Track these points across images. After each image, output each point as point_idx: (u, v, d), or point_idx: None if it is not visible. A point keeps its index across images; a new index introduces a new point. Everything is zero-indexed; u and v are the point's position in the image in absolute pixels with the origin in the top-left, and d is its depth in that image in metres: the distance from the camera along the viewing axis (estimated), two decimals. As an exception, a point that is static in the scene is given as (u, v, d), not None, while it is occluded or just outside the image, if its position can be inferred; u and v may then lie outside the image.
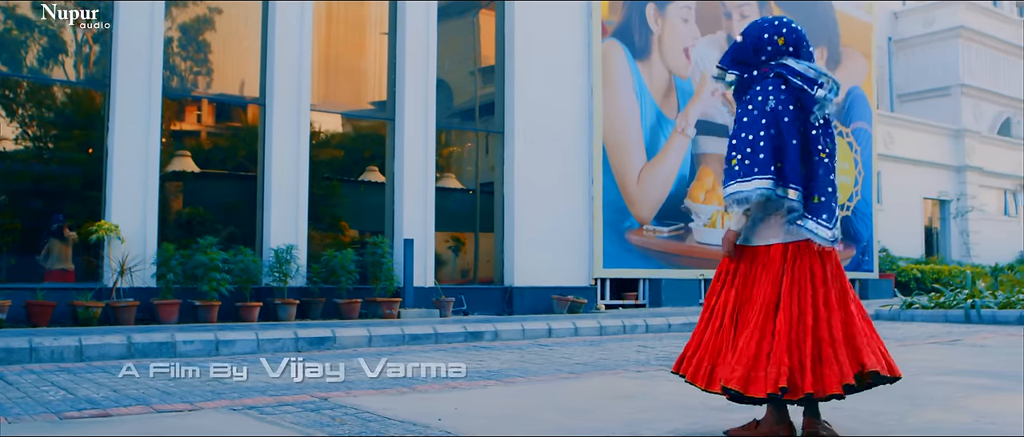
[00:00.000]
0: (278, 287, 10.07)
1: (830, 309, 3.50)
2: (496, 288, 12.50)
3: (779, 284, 3.52)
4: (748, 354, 3.45)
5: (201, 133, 11.40)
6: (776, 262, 3.56)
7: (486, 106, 13.22)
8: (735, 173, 3.53)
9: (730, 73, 3.71)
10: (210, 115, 11.33)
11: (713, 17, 15.62)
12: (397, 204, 11.52)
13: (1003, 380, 5.75)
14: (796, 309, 3.47)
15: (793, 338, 3.43)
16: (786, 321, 3.45)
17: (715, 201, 15.24)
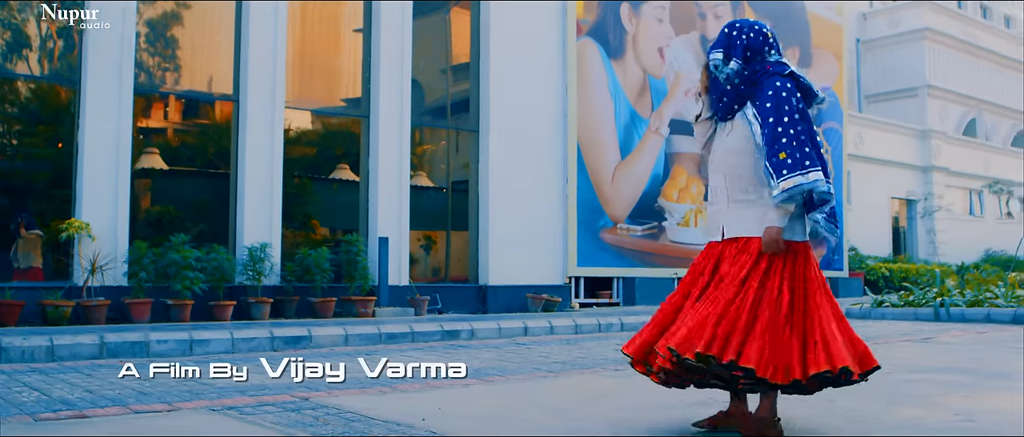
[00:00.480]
0: (252, 286, 9.97)
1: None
2: (471, 287, 12.47)
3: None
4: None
5: (173, 130, 11.27)
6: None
7: (458, 104, 13.18)
8: (790, 166, 3.52)
9: (734, 61, 3.70)
10: (182, 111, 11.20)
11: (687, 17, 15.70)
12: (372, 202, 11.45)
13: (977, 377, 5.82)
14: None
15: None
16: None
17: (688, 200, 15.32)
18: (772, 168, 3.55)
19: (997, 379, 5.68)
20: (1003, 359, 7.00)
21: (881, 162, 25.08)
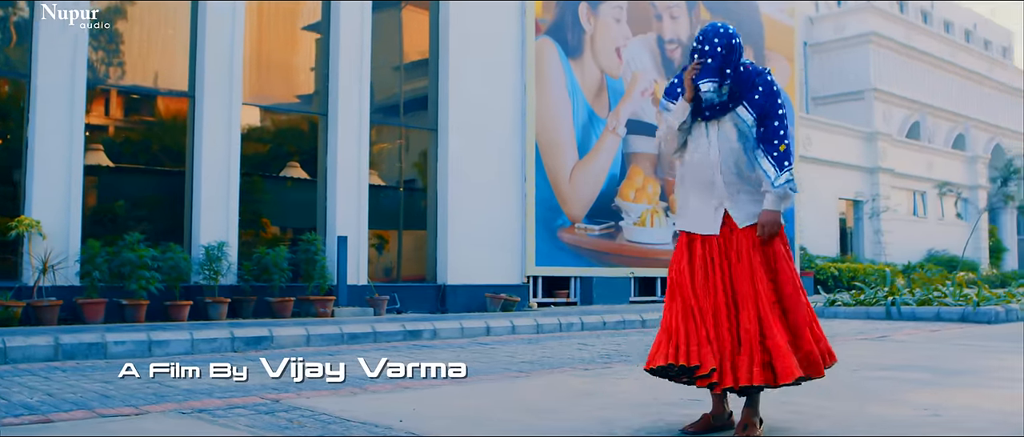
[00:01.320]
0: (209, 285, 9.79)
1: None
2: (429, 286, 12.40)
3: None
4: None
5: (126, 126, 11.00)
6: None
7: (411, 102, 13.09)
8: (790, 156, 3.73)
9: (727, 85, 3.75)
10: (136, 108, 10.94)
11: (644, 18, 15.80)
12: (330, 201, 11.33)
13: (937, 374, 5.93)
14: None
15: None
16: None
17: (645, 200, 15.43)
18: (775, 159, 3.70)
19: (957, 376, 5.79)
20: (958, 356, 7.15)
21: (829, 163, 25.53)
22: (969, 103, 35.29)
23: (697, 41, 3.81)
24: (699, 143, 3.90)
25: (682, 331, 3.72)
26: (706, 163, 3.84)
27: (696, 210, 3.87)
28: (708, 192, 3.81)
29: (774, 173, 3.67)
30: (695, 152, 3.91)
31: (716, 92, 3.75)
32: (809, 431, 3.85)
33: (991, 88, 37.21)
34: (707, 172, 3.83)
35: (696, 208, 3.87)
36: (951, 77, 34.67)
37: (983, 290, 12.66)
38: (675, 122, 3.89)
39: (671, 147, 3.96)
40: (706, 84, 3.76)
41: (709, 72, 3.76)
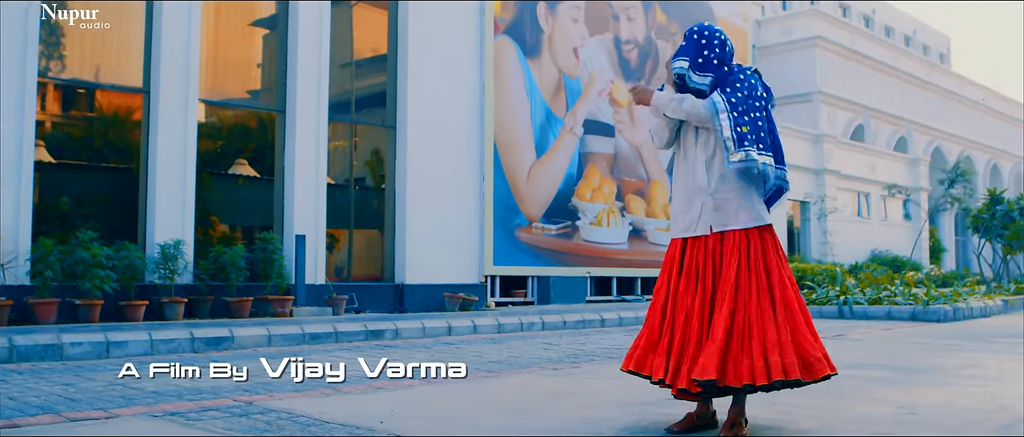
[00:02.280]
0: (164, 285, 9.57)
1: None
2: (387, 285, 12.30)
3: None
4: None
5: (79, 123, 10.71)
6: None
7: (369, 100, 12.97)
8: (751, 139, 3.68)
9: (708, 76, 3.77)
10: (90, 104, 10.66)
11: (601, 18, 15.87)
12: (287, 199, 11.17)
13: (900, 372, 6.03)
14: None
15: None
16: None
17: (601, 200, 15.49)
18: (735, 137, 3.66)
19: (922, 374, 5.90)
20: (917, 355, 7.29)
21: (777, 164, 25.86)
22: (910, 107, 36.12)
23: (686, 33, 3.90)
24: (687, 146, 3.93)
25: (644, 338, 3.81)
26: (693, 165, 3.87)
27: (683, 213, 3.89)
28: (694, 195, 3.82)
29: (732, 146, 3.66)
30: (684, 154, 3.94)
31: (694, 73, 3.77)
32: (796, 430, 3.88)
33: (931, 92, 38.12)
34: (693, 174, 3.85)
35: (683, 211, 3.89)
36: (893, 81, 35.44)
37: (932, 290, 12.96)
38: (659, 110, 3.92)
39: (660, 139, 4.00)
40: (678, 61, 3.80)
41: (681, 52, 3.83)
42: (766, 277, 3.67)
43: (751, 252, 3.69)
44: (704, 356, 3.53)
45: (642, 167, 16.48)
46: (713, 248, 3.74)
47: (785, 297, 3.64)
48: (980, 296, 13.99)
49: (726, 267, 3.67)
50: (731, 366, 3.55)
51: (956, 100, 40.22)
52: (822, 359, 3.61)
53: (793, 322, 3.61)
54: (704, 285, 3.70)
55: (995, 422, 4.08)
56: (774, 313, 3.61)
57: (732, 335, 3.56)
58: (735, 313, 3.59)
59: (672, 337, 3.70)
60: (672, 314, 3.73)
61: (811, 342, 3.62)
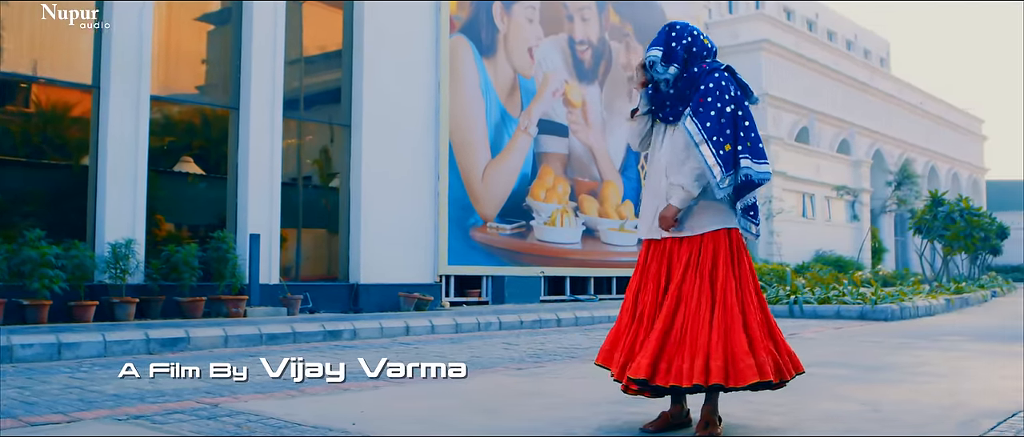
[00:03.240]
0: (115, 285, 9.36)
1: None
2: (342, 285, 12.18)
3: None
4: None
5: (25, 118, 10.41)
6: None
7: (324, 98, 12.84)
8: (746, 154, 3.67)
9: (674, 66, 3.77)
10: (36, 99, 10.36)
11: (556, 19, 15.93)
12: (241, 197, 10.99)
13: (859, 370, 6.17)
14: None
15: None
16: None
17: (555, 200, 15.55)
18: (722, 160, 3.64)
19: (879, 372, 6.04)
20: (871, 353, 7.45)
21: (725, 166, 26.20)
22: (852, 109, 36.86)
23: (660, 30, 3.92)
24: (655, 147, 3.95)
25: (611, 337, 3.86)
26: (657, 166, 3.89)
27: (648, 214, 3.90)
28: (658, 196, 3.84)
29: (719, 173, 3.64)
30: (652, 157, 3.96)
31: (661, 63, 3.78)
32: (767, 427, 3.94)
33: (872, 95, 38.97)
34: (657, 176, 3.87)
35: (648, 212, 3.90)
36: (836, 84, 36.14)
37: (879, 289, 13.25)
38: (630, 110, 3.97)
39: (633, 142, 4.04)
40: (653, 50, 3.80)
41: (653, 43, 3.83)
42: (709, 281, 3.66)
43: (701, 255, 3.70)
44: (640, 354, 3.61)
45: (595, 167, 16.58)
46: (669, 249, 3.78)
47: (726, 301, 3.61)
48: (924, 295, 14.34)
49: (674, 269, 3.72)
50: (664, 366, 3.59)
51: (896, 103, 41.18)
52: (753, 366, 3.54)
53: (727, 326, 3.58)
54: (657, 285, 3.76)
55: (955, 419, 4.19)
56: (711, 316, 3.61)
57: (669, 336, 3.61)
58: (675, 315, 3.63)
59: (629, 333, 3.77)
60: (633, 311, 3.81)
61: (744, 348, 3.56)
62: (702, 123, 3.66)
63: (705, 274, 3.65)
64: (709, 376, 3.50)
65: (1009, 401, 4.67)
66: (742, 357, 3.52)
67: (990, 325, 11.01)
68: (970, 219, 19.94)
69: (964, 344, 8.23)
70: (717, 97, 3.70)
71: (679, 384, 3.52)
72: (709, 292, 3.62)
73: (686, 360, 3.54)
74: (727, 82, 3.77)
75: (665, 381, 3.55)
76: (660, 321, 3.61)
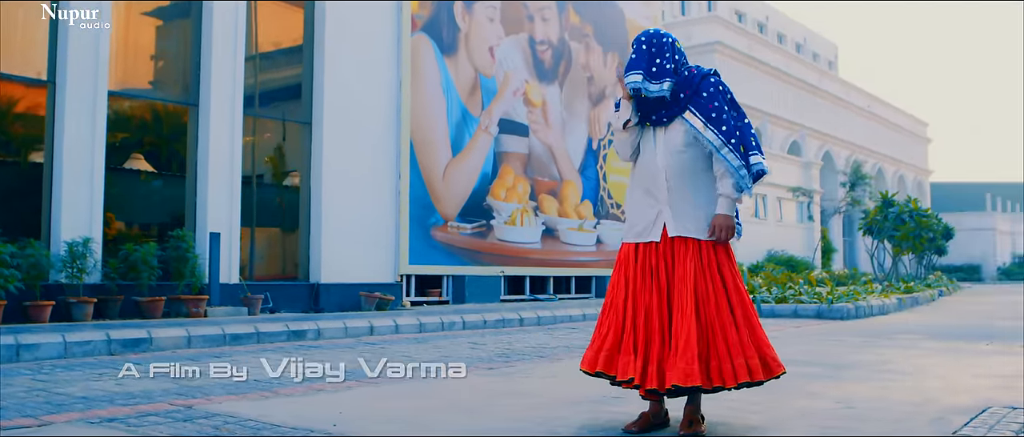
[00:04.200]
0: (72, 284, 9.15)
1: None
2: (302, 285, 12.06)
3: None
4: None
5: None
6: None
7: (285, 95, 12.70)
8: (752, 149, 3.77)
9: (667, 81, 3.79)
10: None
11: (517, 18, 15.94)
12: (201, 195, 10.82)
13: (827, 368, 6.26)
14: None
15: None
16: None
17: (515, 199, 15.56)
18: (747, 163, 3.76)
19: (846, 369, 6.14)
20: (835, 351, 7.57)
21: (680, 166, 26.47)
22: (803, 112, 37.49)
23: (634, 42, 3.90)
24: (647, 150, 3.90)
25: (611, 340, 3.79)
26: (651, 169, 3.85)
27: (639, 217, 3.89)
28: (652, 198, 3.82)
29: (746, 173, 3.75)
30: (643, 159, 3.91)
31: (650, 83, 3.77)
32: (747, 426, 3.98)
33: (822, 98, 39.67)
34: (651, 179, 3.84)
35: (639, 215, 3.88)
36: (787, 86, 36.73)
37: (835, 289, 13.48)
38: (618, 122, 3.92)
39: (623, 152, 3.96)
40: (631, 75, 3.79)
41: (633, 65, 3.82)
42: (721, 281, 3.73)
43: (707, 256, 3.74)
44: (684, 362, 3.55)
45: (555, 167, 16.63)
46: (664, 249, 3.78)
47: (742, 301, 3.72)
48: (877, 295, 14.63)
49: (680, 267, 3.71)
50: (704, 369, 3.63)
51: (845, 106, 41.96)
52: (777, 358, 3.73)
53: (751, 324, 3.71)
54: (659, 282, 3.74)
55: (927, 416, 4.27)
56: (733, 316, 3.69)
57: (701, 339, 3.63)
58: (698, 316, 3.65)
59: (635, 336, 3.72)
60: (633, 313, 3.76)
61: (768, 343, 3.74)
62: (718, 128, 3.72)
63: (714, 274, 3.69)
64: (752, 374, 3.60)
65: (975, 398, 4.78)
66: (768, 351, 3.67)
67: (943, 324, 11.26)
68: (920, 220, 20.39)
69: (922, 342, 8.41)
70: (723, 100, 3.78)
71: (723, 385, 3.57)
72: (723, 291, 3.68)
73: (726, 360, 3.59)
74: (723, 85, 3.85)
75: (709, 383, 3.58)
76: (688, 322, 3.59)
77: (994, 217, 60.63)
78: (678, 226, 3.76)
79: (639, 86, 3.76)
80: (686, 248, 3.73)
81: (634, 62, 3.80)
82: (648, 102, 3.86)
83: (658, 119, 3.84)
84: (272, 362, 6.76)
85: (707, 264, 3.72)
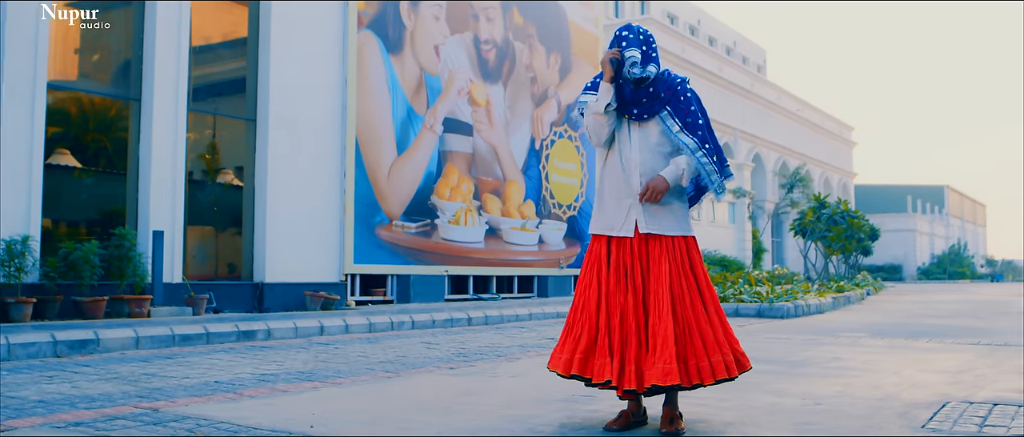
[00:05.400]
0: (9, 284, 8.83)
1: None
2: (246, 284, 11.85)
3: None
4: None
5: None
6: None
7: (230, 92, 12.46)
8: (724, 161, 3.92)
9: (653, 66, 3.84)
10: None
11: (462, 17, 15.90)
12: (143, 193, 10.55)
13: (780, 365, 6.39)
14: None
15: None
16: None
17: (459, 198, 15.53)
18: (718, 166, 3.88)
19: (802, 366, 6.28)
20: (784, 349, 7.74)
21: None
22: (734, 114, 38.19)
23: (619, 32, 3.92)
24: (622, 144, 3.94)
25: (585, 342, 3.80)
26: (626, 165, 3.88)
27: (611, 212, 3.92)
28: (624, 193, 3.86)
29: (717, 178, 3.86)
30: (617, 153, 3.95)
31: (641, 68, 3.80)
32: (723, 422, 4.04)
33: (753, 101, 40.46)
34: (624, 173, 3.87)
35: (611, 210, 3.92)
36: (719, 89, 37.36)
37: (774, 288, 13.78)
38: (598, 105, 3.91)
39: (599, 136, 3.94)
40: (631, 51, 3.81)
41: (631, 44, 3.84)
42: (695, 281, 3.80)
43: (680, 256, 3.80)
44: (663, 361, 3.58)
45: (499, 167, 16.65)
46: (639, 248, 3.82)
47: (713, 298, 3.82)
48: (814, 294, 14.99)
49: (655, 267, 3.75)
50: (686, 366, 3.69)
51: (774, 109, 42.86)
52: (745, 353, 3.86)
53: (723, 321, 3.80)
54: (634, 282, 3.77)
55: (892, 411, 4.39)
56: (707, 314, 3.76)
57: (679, 338, 3.68)
58: (675, 315, 3.70)
59: (611, 339, 3.74)
60: (607, 315, 3.78)
61: (736, 339, 3.85)
62: (694, 133, 3.83)
63: (689, 272, 3.75)
64: (728, 370, 3.68)
65: (932, 393, 4.94)
66: (737, 347, 3.79)
67: (879, 322, 11.59)
68: (851, 221, 20.96)
69: (864, 340, 8.64)
70: (698, 107, 3.88)
71: (702, 382, 3.61)
72: (697, 290, 3.74)
73: (704, 357, 3.65)
74: (695, 93, 3.94)
75: (688, 381, 3.62)
76: (665, 322, 3.61)
77: (914, 218, 62.71)
78: (650, 223, 3.81)
79: (636, 61, 3.79)
80: (660, 247, 3.77)
81: (631, 42, 3.84)
82: (627, 95, 3.89)
83: (638, 114, 3.88)
84: (227, 363, 6.65)
85: (681, 263, 3.78)
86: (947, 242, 69.35)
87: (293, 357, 7.13)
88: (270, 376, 5.87)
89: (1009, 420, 4.08)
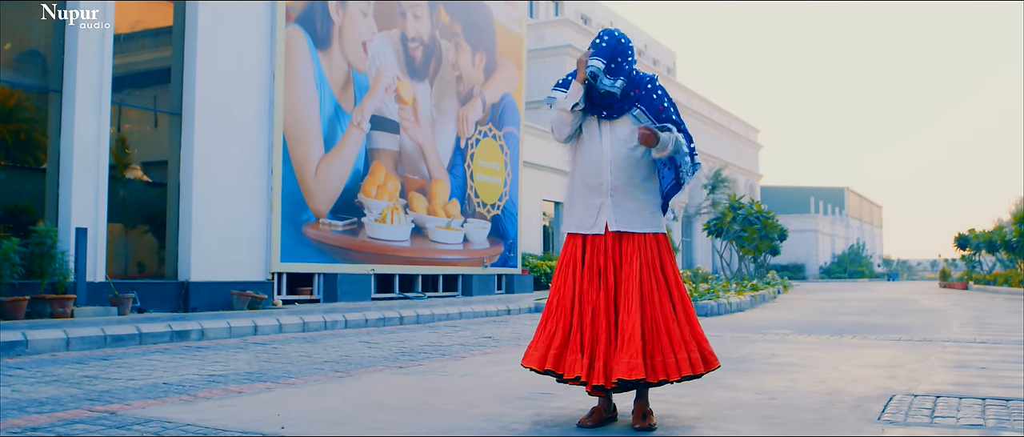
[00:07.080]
0: (-76, 283, 8.43)
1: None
2: (171, 283, 11.53)
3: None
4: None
5: None
6: None
7: (155, 85, 12.12)
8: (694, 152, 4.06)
9: (622, 79, 3.89)
10: None
11: (390, 14, 15.79)
12: (64, 188, 10.17)
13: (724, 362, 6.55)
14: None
15: None
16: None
17: (386, 197, 15.43)
18: (690, 166, 4.02)
19: (745, 363, 6.47)
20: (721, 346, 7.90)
21: (536, 166, 26.92)
22: (649, 116, 38.95)
23: (598, 35, 3.99)
24: (592, 142, 3.98)
25: (559, 338, 3.86)
26: (596, 162, 3.92)
27: (581, 210, 3.98)
28: (594, 191, 3.91)
29: (690, 169, 4.01)
30: (587, 151, 3.99)
31: (606, 75, 3.84)
32: (688, 419, 4.14)
33: (666, 103, 41.31)
34: (596, 171, 3.92)
35: (581, 208, 3.97)
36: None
37: (697, 287, 14.10)
38: (568, 103, 3.92)
39: (563, 132, 3.98)
40: (595, 60, 3.84)
41: (600, 52, 3.89)
42: (664, 280, 3.89)
43: (650, 254, 3.89)
44: (628, 356, 3.65)
45: (425, 165, 16.60)
46: (612, 246, 3.89)
47: (683, 297, 3.89)
48: (734, 293, 15.40)
49: (627, 266, 3.82)
50: (651, 362, 3.76)
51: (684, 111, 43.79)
52: (713, 352, 3.93)
53: (691, 320, 3.88)
54: (606, 282, 3.84)
55: (843, 404, 4.57)
56: (675, 313, 3.85)
57: (646, 334, 3.76)
58: (644, 312, 3.78)
59: (582, 335, 3.80)
60: (580, 312, 3.84)
61: (705, 337, 3.92)
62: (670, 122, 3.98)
63: (658, 271, 3.82)
64: (693, 367, 3.72)
65: (875, 387, 5.15)
66: (706, 345, 3.85)
67: (799, 320, 11.98)
68: (765, 222, 21.59)
69: (793, 337, 8.94)
70: (670, 103, 3.98)
71: (668, 378, 3.67)
72: (666, 289, 3.81)
73: (670, 354, 3.70)
74: (665, 90, 4.01)
75: (654, 377, 3.68)
76: (633, 318, 3.69)
77: (817, 219, 64.94)
78: (621, 221, 3.87)
79: (597, 72, 3.82)
80: (633, 245, 3.85)
81: (600, 50, 3.87)
82: (596, 97, 3.95)
83: (609, 113, 3.94)
84: (168, 365, 6.48)
85: (651, 263, 3.87)
86: (847, 242, 72.04)
87: (234, 357, 6.99)
88: (219, 377, 5.76)
89: (955, 411, 4.29)
